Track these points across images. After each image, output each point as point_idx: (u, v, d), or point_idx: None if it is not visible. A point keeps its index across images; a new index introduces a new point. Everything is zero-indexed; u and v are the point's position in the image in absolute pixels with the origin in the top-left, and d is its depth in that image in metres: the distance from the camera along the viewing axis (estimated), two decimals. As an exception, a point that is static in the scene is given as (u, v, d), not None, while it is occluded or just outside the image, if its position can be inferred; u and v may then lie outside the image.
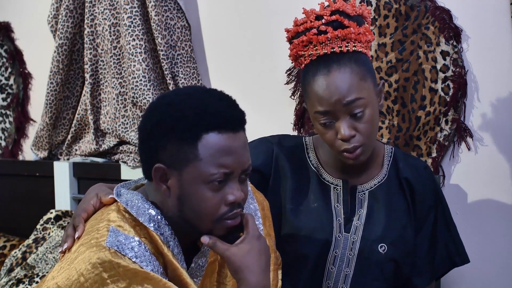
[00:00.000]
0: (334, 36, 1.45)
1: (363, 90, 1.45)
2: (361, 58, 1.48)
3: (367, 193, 1.59)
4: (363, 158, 1.50)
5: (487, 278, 2.04)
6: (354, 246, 1.55)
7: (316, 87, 1.46)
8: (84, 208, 1.29)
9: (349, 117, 1.45)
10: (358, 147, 1.47)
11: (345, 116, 1.45)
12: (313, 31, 1.47)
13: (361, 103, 1.45)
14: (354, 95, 1.44)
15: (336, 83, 1.44)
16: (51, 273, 1.20)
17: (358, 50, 1.47)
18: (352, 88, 1.44)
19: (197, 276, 1.30)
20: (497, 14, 1.96)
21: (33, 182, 2.80)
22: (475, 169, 2.03)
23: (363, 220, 1.57)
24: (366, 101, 1.45)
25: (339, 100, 1.44)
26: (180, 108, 1.19)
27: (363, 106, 1.45)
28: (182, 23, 2.51)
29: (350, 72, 1.45)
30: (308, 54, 1.49)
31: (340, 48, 1.46)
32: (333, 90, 1.44)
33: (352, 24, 1.46)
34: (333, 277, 1.55)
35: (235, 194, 1.20)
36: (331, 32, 1.45)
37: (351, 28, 1.45)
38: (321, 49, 1.47)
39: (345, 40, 1.46)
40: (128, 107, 2.58)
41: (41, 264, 2.38)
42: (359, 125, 1.46)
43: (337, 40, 1.46)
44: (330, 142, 1.50)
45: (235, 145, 1.19)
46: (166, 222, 1.23)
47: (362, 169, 1.59)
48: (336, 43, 1.46)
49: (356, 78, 1.45)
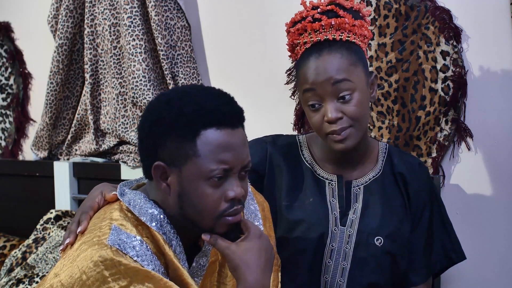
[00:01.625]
0: (328, 23, 1.49)
1: (352, 74, 1.48)
2: (354, 47, 1.51)
3: (362, 188, 1.61)
4: (350, 142, 1.51)
5: (487, 278, 2.04)
6: (350, 239, 1.56)
7: (306, 69, 1.50)
8: (90, 205, 1.30)
9: (337, 100, 1.48)
10: (345, 128, 1.49)
11: (332, 99, 1.48)
12: (308, 19, 1.51)
13: (349, 85, 1.47)
14: (342, 75, 1.47)
15: (325, 64, 1.48)
16: (53, 270, 1.20)
17: (351, 40, 1.51)
18: (340, 70, 1.47)
19: (198, 275, 1.31)
20: (497, 14, 1.97)
21: (33, 182, 2.80)
22: (475, 169, 2.03)
23: (359, 213, 1.58)
24: (354, 85, 1.48)
25: (327, 80, 1.47)
26: (178, 106, 1.19)
27: (351, 89, 1.48)
28: (182, 23, 2.51)
29: (340, 57, 1.48)
30: (303, 42, 1.53)
31: (333, 36, 1.49)
32: (321, 71, 1.48)
33: (347, 15, 1.50)
34: (331, 271, 1.57)
35: (235, 190, 1.21)
36: (325, 20, 1.49)
37: (346, 18, 1.49)
38: (315, 36, 1.50)
39: (339, 30, 1.49)
40: (128, 107, 2.58)
41: (41, 264, 2.38)
42: (347, 107, 1.48)
43: (331, 28, 1.49)
44: (318, 125, 1.52)
45: (234, 141, 1.20)
46: (168, 221, 1.23)
47: (356, 164, 1.61)
48: (330, 32, 1.50)
49: (346, 62, 1.48)
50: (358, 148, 1.57)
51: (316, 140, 1.65)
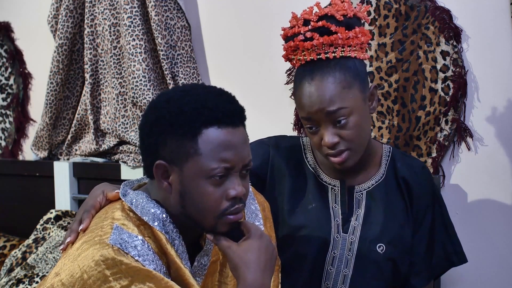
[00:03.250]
0: (319, 43, 1.44)
1: (346, 99, 1.45)
2: (348, 64, 1.47)
3: (364, 193, 1.59)
4: (350, 163, 1.50)
5: (487, 278, 2.04)
6: (352, 246, 1.55)
7: (300, 93, 1.48)
8: (92, 204, 1.30)
9: (333, 125, 1.46)
10: (344, 151, 1.48)
11: (327, 124, 1.46)
12: (300, 37, 1.47)
13: (344, 112, 1.45)
14: (336, 106, 1.44)
15: (317, 92, 1.44)
16: (54, 269, 1.20)
17: (346, 56, 1.46)
18: (333, 98, 1.44)
19: (200, 275, 1.31)
20: (497, 14, 1.97)
21: (33, 182, 2.80)
22: (475, 169, 2.03)
23: (361, 220, 1.57)
24: (349, 110, 1.45)
25: (320, 110, 1.45)
26: (179, 104, 1.19)
27: (347, 114, 1.45)
28: (182, 23, 2.52)
29: (332, 81, 1.44)
30: (297, 58, 1.50)
31: (326, 55, 1.45)
32: (314, 100, 1.45)
33: (340, 29, 1.45)
34: (332, 277, 1.56)
35: (237, 189, 1.21)
36: (317, 39, 1.44)
37: (339, 34, 1.44)
38: (308, 55, 1.47)
39: (332, 46, 1.45)
40: (128, 107, 2.58)
41: (41, 264, 2.38)
42: (343, 132, 1.46)
43: (324, 46, 1.45)
44: (317, 146, 1.52)
45: (235, 139, 1.20)
46: (170, 220, 1.23)
47: (359, 169, 1.60)
48: (323, 49, 1.46)
49: (339, 87, 1.44)
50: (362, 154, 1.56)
51: None
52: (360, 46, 1.49)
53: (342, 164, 1.49)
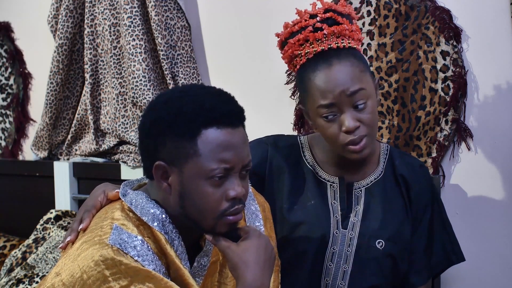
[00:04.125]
0: (330, 32, 1.48)
1: (365, 81, 1.48)
2: (358, 54, 1.52)
3: (363, 190, 1.60)
4: (367, 151, 1.51)
5: (486, 278, 2.04)
6: (351, 242, 1.56)
7: (318, 81, 1.48)
8: (93, 204, 1.30)
9: (353, 109, 1.47)
10: (363, 136, 1.49)
11: (348, 108, 1.47)
12: (309, 29, 1.49)
13: (364, 94, 1.47)
14: (357, 86, 1.46)
15: (338, 75, 1.46)
16: (54, 269, 1.20)
17: (353, 46, 1.51)
18: (354, 79, 1.47)
19: (199, 275, 1.31)
20: (497, 14, 1.97)
21: (33, 182, 2.80)
22: (475, 169, 2.03)
23: (360, 216, 1.58)
24: (368, 92, 1.48)
25: (343, 92, 1.46)
26: (178, 105, 1.20)
27: (366, 97, 1.48)
28: (182, 23, 2.52)
29: (350, 65, 1.47)
30: (305, 52, 1.51)
31: (337, 44, 1.49)
32: (336, 82, 1.46)
33: (345, 21, 1.50)
34: (332, 273, 1.56)
35: (236, 190, 1.21)
36: (327, 28, 1.48)
37: (345, 25, 1.49)
38: (318, 46, 1.49)
39: (340, 37, 1.49)
40: (128, 107, 2.58)
41: (41, 264, 2.38)
42: (363, 115, 1.48)
43: (333, 36, 1.49)
44: (334, 136, 1.50)
45: (235, 140, 1.20)
46: (170, 221, 1.23)
47: (358, 166, 1.61)
48: (332, 40, 1.49)
49: (357, 70, 1.48)
50: None
51: (318, 141, 1.65)
52: (358, 42, 1.54)
53: (361, 152, 1.50)
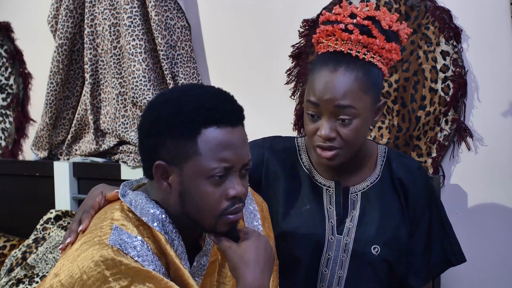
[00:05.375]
0: (356, 39, 1.44)
1: (359, 101, 1.45)
2: (373, 71, 1.47)
3: (359, 194, 1.59)
4: (336, 162, 1.50)
5: (486, 278, 2.04)
6: (347, 248, 1.55)
7: (317, 77, 1.47)
8: (91, 204, 1.30)
9: (335, 119, 1.46)
10: (334, 148, 1.47)
11: (331, 118, 1.46)
12: (340, 26, 1.46)
13: (351, 112, 1.44)
14: (347, 102, 1.44)
15: (335, 83, 1.44)
16: (53, 270, 1.20)
17: (373, 63, 1.46)
18: (348, 94, 1.44)
19: (199, 275, 1.31)
20: (497, 14, 1.97)
21: (33, 182, 2.80)
22: (475, 169, 2.03)
23: (356, 221, 1.57)
24: (357, 112, 1.45)
25: (331, 100, 1.44)
26: (177, 105, 1.19)
27: (353, 115, 1.45)
28: (182, 23, 2.52)
29: (354, 78, 1.44)
30: (327, 44, 1.49)
31: (357, 53, 1.45)
32: (329, 89, 1.44)
33: (380, 36, 1.45)
34: (327, 279, 1.55)
35: (236, 189, 1.21)
36: (356, 34, 1.44)
37: (377, 39, 1.45)
38: (340, 45, 1.47)
39: (366, 48, 1.45)
40: (128, 107, 2.58)
41: (41, 264, 2.38)
42: (343, 130, 1.46)
43: (358, 44, 1.45)
44: (310, 133, 1.50)
45: (234, 139, 1.20)
46: (170, 221, 1.23)
47: (354, 170, 1.59)
48: (356, 47, 1.46)
49: (357, 87, 1.44)
50: (356, 155, 1.55)
51: None
52: (388, 62, 1.50)
53: (330, 160, 1.49)
